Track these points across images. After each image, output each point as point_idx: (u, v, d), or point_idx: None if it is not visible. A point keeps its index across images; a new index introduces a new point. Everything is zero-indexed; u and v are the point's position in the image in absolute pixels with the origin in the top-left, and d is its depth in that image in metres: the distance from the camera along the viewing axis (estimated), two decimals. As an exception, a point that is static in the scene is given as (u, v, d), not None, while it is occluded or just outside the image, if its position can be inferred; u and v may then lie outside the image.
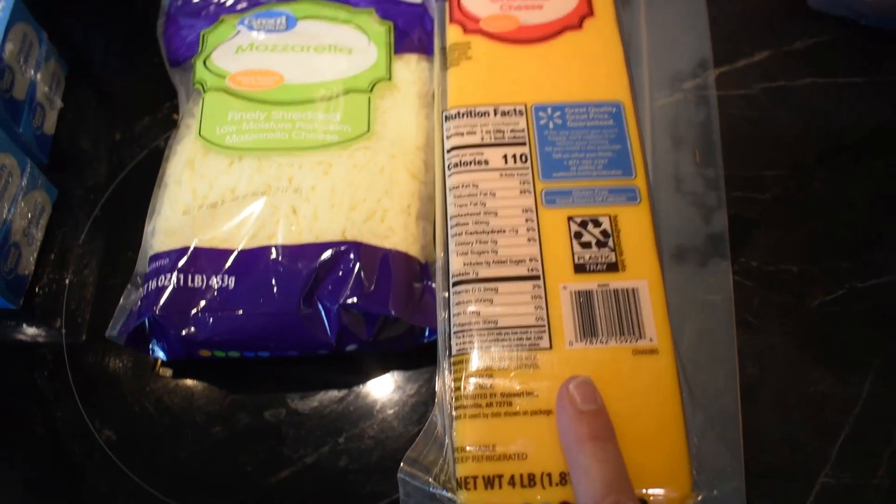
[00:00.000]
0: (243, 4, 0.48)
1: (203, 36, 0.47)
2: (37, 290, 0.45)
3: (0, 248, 0.41)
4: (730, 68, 0.51)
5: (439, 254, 0.38)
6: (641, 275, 0.36)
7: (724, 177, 0.46)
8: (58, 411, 0.41)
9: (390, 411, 0.41)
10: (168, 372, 0.42)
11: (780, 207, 0.46)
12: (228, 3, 0.49)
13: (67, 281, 0.45)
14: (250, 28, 0.46)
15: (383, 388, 0.41)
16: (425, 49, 0.47)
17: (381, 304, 0.38)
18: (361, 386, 0.41)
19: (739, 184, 0.46)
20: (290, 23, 0.47)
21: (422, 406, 0.41)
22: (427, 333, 0.40)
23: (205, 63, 0.45)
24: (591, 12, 0.43)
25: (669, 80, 0.49)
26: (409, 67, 0.46)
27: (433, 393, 0.39)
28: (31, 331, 0.44)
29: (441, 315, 0.37)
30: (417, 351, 0.41)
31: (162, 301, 0.38)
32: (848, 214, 0.45)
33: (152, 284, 0.39)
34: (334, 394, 0.41)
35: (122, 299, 0.41)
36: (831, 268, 0.44)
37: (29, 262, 0.44)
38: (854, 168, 0.47)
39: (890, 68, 0.51)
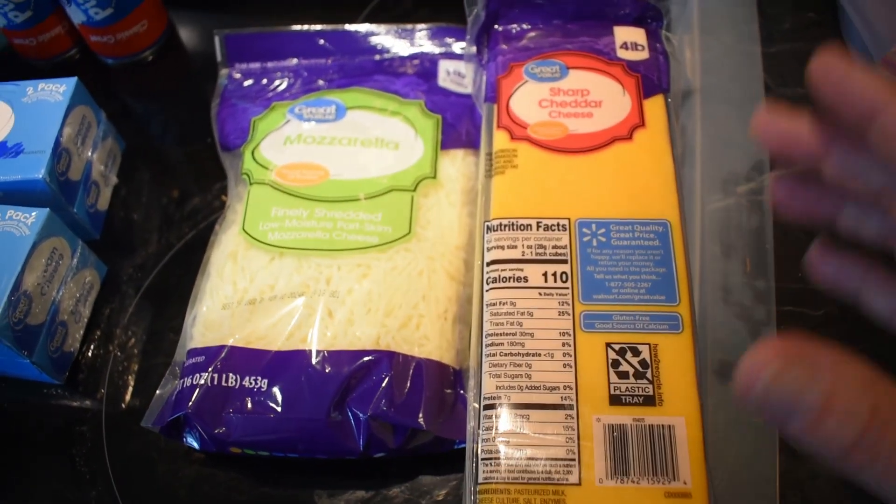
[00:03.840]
0: (295, 91, 0.49)
1: (254, 123, 0.47)
2: (81, 365, 0.46)
3: (47, 329, 0.42)
4: (786, 172, 0.49)
5: (473, 364, 0.38)
6: (679, 411, 0.34)
7: (774, 289, 0.44)
8: (92, 490, 0.42)
9: (417, 516, 0.40)
10: (201, 458, 0.42)
11: (832, 326, 0.44)
12: (281, 89, 0.50)
13: (111, 358, 0.46)
14: (300, 117, 0.47)
15: (411, 493, 0.41)
16: (472, 143, 0.47)
17: (411, 417, 0.37)
18: (389, 488, 0.41)
19: (791, 298, 0.44)
20: (340, 112, 0.47)
21: (449, 513, 0.40)
22: (458, 441, 0.39)
23: (253, 154, 0.46)
24: (642, 123, 0.42)
25: (722, 182, 0.48)
26: (455, 164, 0.46)
27: (460, 499, 0.39)
28: (72, 406, 0.45)
29: (470, 424, 0.36)
30: (447, 455, 0.40)
31: (195, 398, 0.38)
32: (906, 337, 0.43)
33: (188, 381, 0.39)
34: (362, 494, 0.41)
35: (159, 389, 0.42)
36: (886, 394, 0.42)
37: (75, 339, 0.45)
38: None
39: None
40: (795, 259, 0.46)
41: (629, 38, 0.46)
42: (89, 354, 0.46)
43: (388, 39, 0.52)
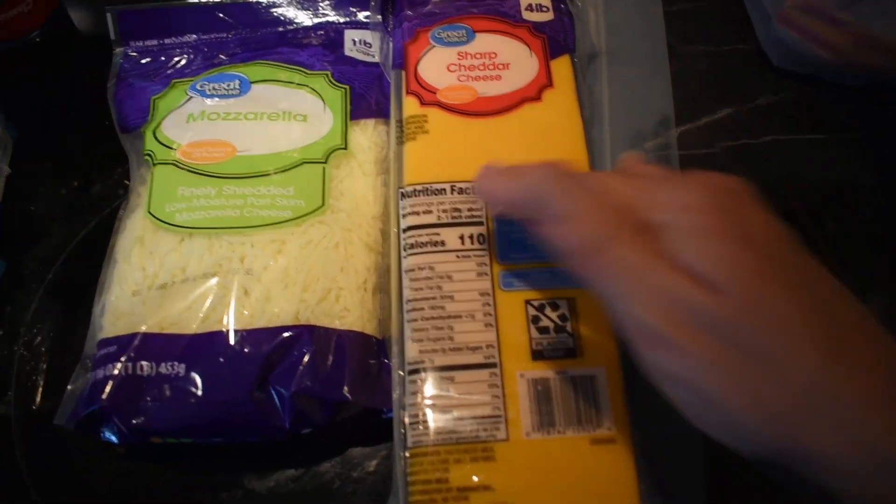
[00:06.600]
0: (196, 67, 0.47)
1: (153, 102, 0.46)
2: (-16, 366, 0.43)
3: (-57, 330, 0.40)
4: (692, 126, 0.50)
5: (394, 334, 0.38)
6: (599, 361, 0.35)
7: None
8: (4, 497, 0.40)
9: (349, 489, 0.40)
10: (122, 453, 0.41)
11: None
12: (180, 65, 0.48)
13: (17, 357, 0.44)
14: (202, 94, 0.45)
15: (342, 466, 0.40)
16: (383, 113, 0.46)
17: (335, 390, 0.37)
18: (319, 464, 0.40)
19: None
20: (244, 87, 0.46)
21: (380, 484, 0.40)
22: (386, 410, 0.39)
23: (154, 133, 0.44)
24: (550, 83, 0.42)
25: (631, 139, 0.48)
26: (366, 133, 0.45)
27: (391, 469, 0.39)
28: (-23, 409, 0.42)
29: (396, 392, 0.36)
30: (377, 425, 0.40)
31: (109, 391, 0.37)
32: (810, 278, 0.45)
33: (100, 373, 0.37)
34: (292, 473, 0.40)
35: (70, 384, 0.40)
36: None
37: (-25, 340, 0.43)
38: (815, 231, 0.47)
39: (852, 125, 0.51)
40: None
41: (534, 0, 0.46)
42: (-7, 354, 0.44)
43: (291, 11, 0.51)
